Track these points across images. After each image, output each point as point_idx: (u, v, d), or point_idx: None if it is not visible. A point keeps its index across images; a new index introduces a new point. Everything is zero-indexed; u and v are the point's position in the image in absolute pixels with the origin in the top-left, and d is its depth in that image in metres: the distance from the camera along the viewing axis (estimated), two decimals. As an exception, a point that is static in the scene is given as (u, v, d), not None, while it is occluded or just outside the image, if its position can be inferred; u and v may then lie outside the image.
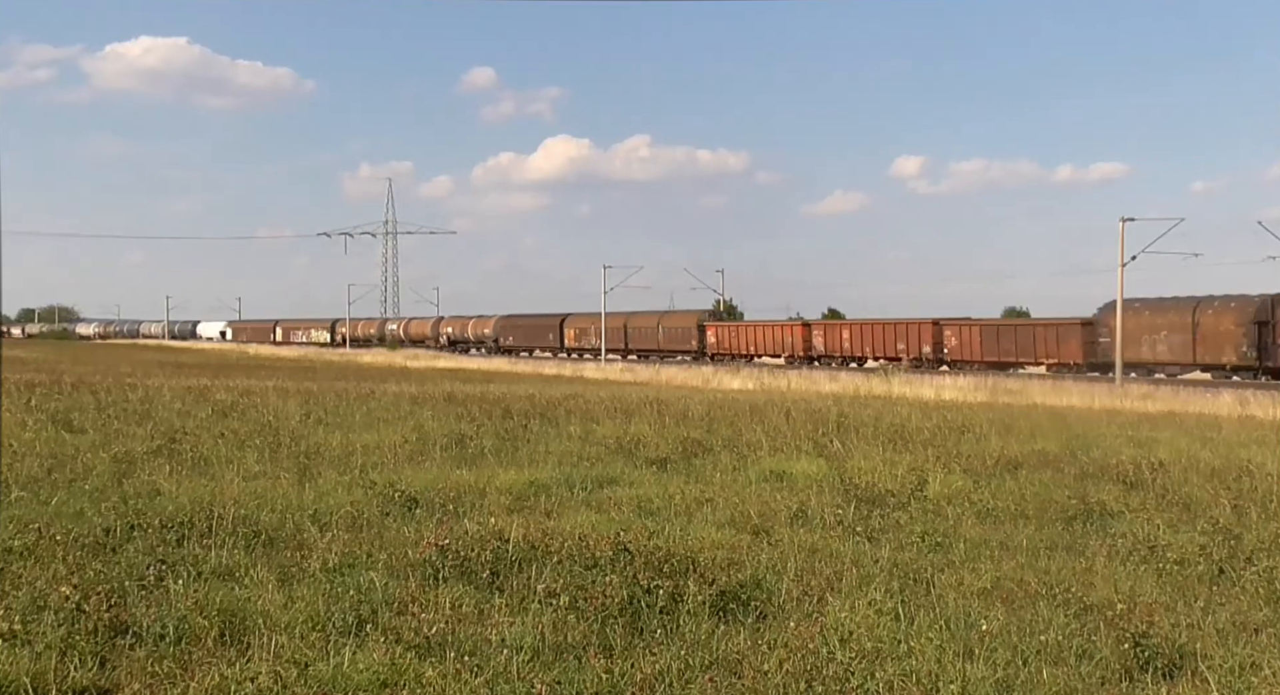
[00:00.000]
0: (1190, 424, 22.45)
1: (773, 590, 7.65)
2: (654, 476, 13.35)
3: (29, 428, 16.95)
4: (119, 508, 10.07)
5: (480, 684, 5.74)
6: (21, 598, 7.02)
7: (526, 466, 13.84)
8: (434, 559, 8.10)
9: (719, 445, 16.41)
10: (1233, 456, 15.52)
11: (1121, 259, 42.11)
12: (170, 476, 12.31)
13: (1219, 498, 11.72)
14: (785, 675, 5.84)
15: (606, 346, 71.89)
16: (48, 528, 8.76)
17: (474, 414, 21.35)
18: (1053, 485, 12.88)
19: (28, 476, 12.09)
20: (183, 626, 6.52)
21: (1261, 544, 9.40)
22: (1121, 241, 42.12)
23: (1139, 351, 43.71)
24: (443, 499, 11.05)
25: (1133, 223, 42.48)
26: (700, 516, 10.69)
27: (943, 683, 5.85)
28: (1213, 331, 41.68)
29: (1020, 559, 8.92)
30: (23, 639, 6.20)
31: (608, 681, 5.82)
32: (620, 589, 7.17)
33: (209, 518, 9.48)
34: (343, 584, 7.55)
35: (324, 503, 10.74)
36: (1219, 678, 6.02)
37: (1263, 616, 7.29)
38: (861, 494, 11.76)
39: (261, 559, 8.35)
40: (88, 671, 5.85)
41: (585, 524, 9.89)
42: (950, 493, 12.05)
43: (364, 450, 15.11)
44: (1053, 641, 6.56)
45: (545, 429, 18.69)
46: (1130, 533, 9.97)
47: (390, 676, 5.82)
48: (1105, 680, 6.10)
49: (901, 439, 17.64)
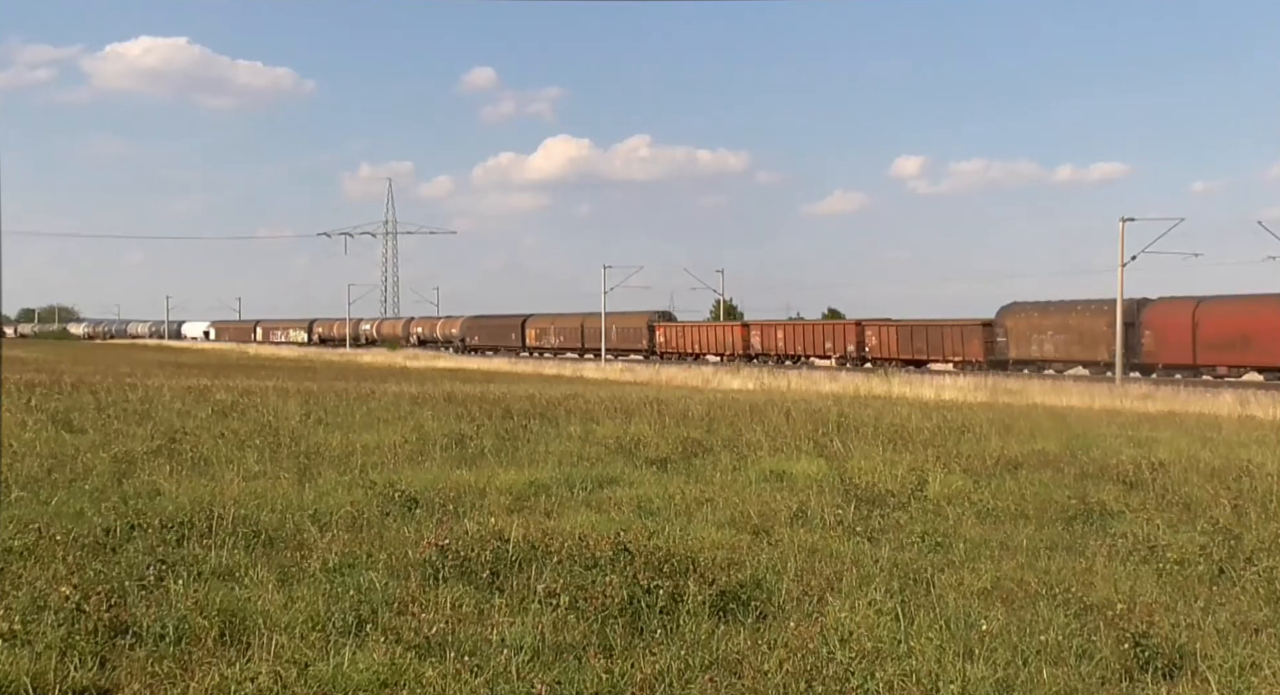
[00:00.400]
0: (1190, 424, 22.46)
1: (773, 590, 7.64)
2: (654, 476, 13.35)
3: (29, 428, 16.95)
4: (119, 508, 10.06)
5: (480, 684, 5.74)
6: (21, 598, 7.02)
7: (526, 466, 13.84)
8: (434, 559, 8.10)
9: (719, 445, 16.41)
10: (1233, 456, 15.52)
11: (1121, 259, 42.16)
12: (170, 476, 12.31)
13: (1219, 498, 11.72)
14: (785, 675, 5.84)
15: (563, 345, 78.33)
16: (48, 528, 8.76)
17: (474, 414, 21.35)
18: (1053, 485, 12.88)
19: (28, 476, 12.08)
20: (183, 626, 6.52)
21: (1261, 544, 9.40)
22: (1121, 241, 42.18)
23: (1029, 350, 48.53)
24: (443, 499, 11.05)
25: (1133, 223, 42.62)
26: (700, 516, 10.69)
27: (943, 683, 5.85)
28: (1089, 332, 45.85)
29: (1020, 559, 8.92)
30: (23, 639, 6.19)
31: (608, 681, 5.82)
32: (620, 589, 7.17)
33: (209, 518, 9.48)
34: (343, 584, 7.55)
35: (324, 503, 10.74)
36: (1219, 678, 6.02)
37: (1263, 616, 7.29)
38: (861, 494, 11.76)
39: (261, 559, 8.35)
40: (88, 671, 5.85)
41: (585, 524, 9.89)
42: (950, 493, 12.05)
43: (364, 450, 15.11)
44: (1053, 641, 6.55)
45: (545, 429, 18.69)
46: (1130, 533, 9.97)
47: (390, 676, 5.81)
48: (1105, 680, 6.10)
49: (901, 439, 17.64)
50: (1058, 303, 49.19)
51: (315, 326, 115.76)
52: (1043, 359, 48.00)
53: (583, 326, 76.96)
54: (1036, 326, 48.81)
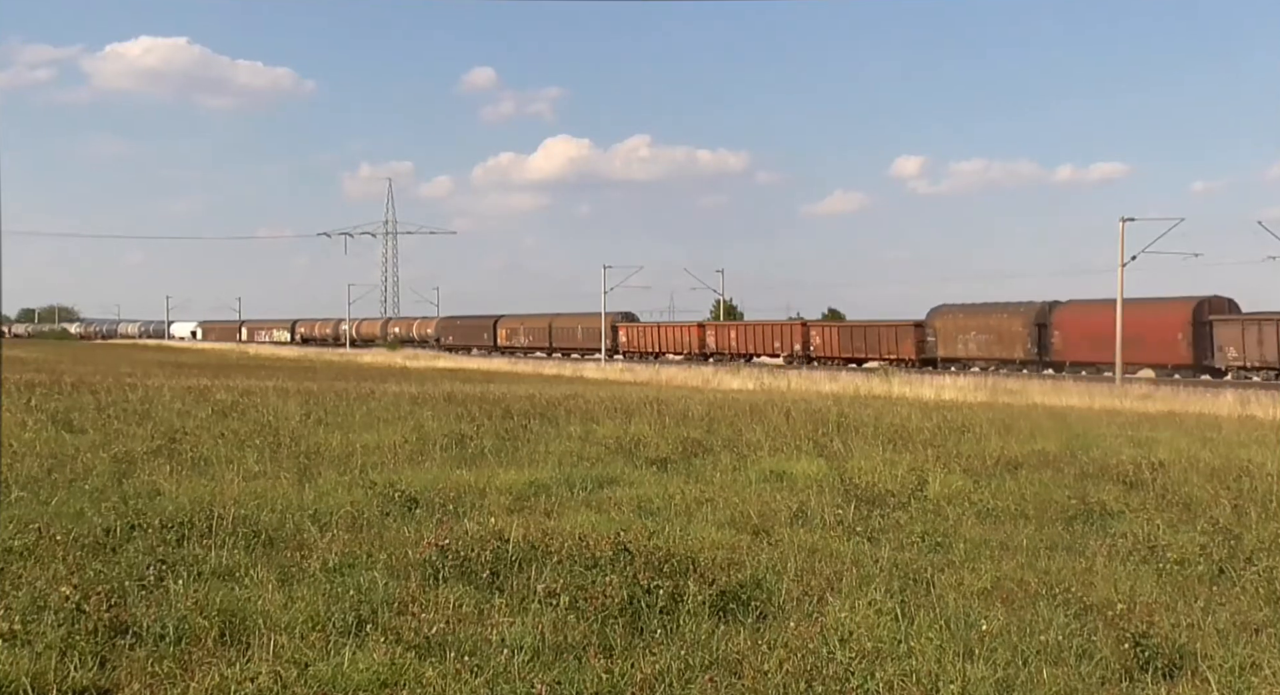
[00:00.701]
0: (1190, 424, 22.46)
1: (773, 590, 7.64)
2: (654, 476, 13.34)
3: (29, 428, 16.94)
4: (119, 508, 10.06)
5: (480, 684, 5.74)
6: (21, 598, 7.02)
7: (526, 466, 13.84)
8: (434, 559, 8.10)
9: (719, 445, 16.41)
10: (1233, 456, 15.52)
11: (1121, 259, 42.16)
12: (170, 476, 12.30)
13: (1219, 498, 11.72)
14: (785, 675, 5.84)
15: (532, 344, 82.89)
16: (48, 528, 8.75)
17: (474, 414, 21.35)
18: (1053, 485, 12.88)
19: (28, 476, 12.08)
20: (183, 626, 6.52)
21: (1261, 544, 9.40)
22: (1121, 241, 42.18)
23: (955, 349, 52.88)
24: (443, 499, 11.04)
25: (1133, 223, 42.64)
26: (700, 516, 10.69)
27: (943, 683, 5.85)
28: (1007, 332, 50.60)
29: (1020, 559, 8.92)
30: (23, 639, 6.19)
31: (608, 681, 5.81)
32: (620, 589, 7.17)
33: (209, 518, 9.47)
34: (343, 584, 7.55)
35: (324, 503, 10.74)
36: (1219, 678, 6.02)
37: (1263, 616, 7.29)
38: (861, 494, 11.76)
39: (261, 559, 8.35)
40: (88, 671, 5.85)
41: (585, 524, 9.88)
42: (950, 493, 12.05)
43: (364, 450, 15.11)
44: (1053, 641, 6.56)
45: (545, 429, 18.68)
46: (1130, 533, 9.97)
47: (390, 676, 5.81)
48: (1105, 680, 6.10)
49: (901, 439, 17.64)
50: (981, 305, 53.57)
51: (298, 327, 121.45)
52: (967, 357, 51.93)
53: (550, 327, 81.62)
54: (962, 327, 52.94)
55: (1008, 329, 50.50)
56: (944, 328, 53.69)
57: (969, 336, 52.35)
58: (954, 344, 52.88)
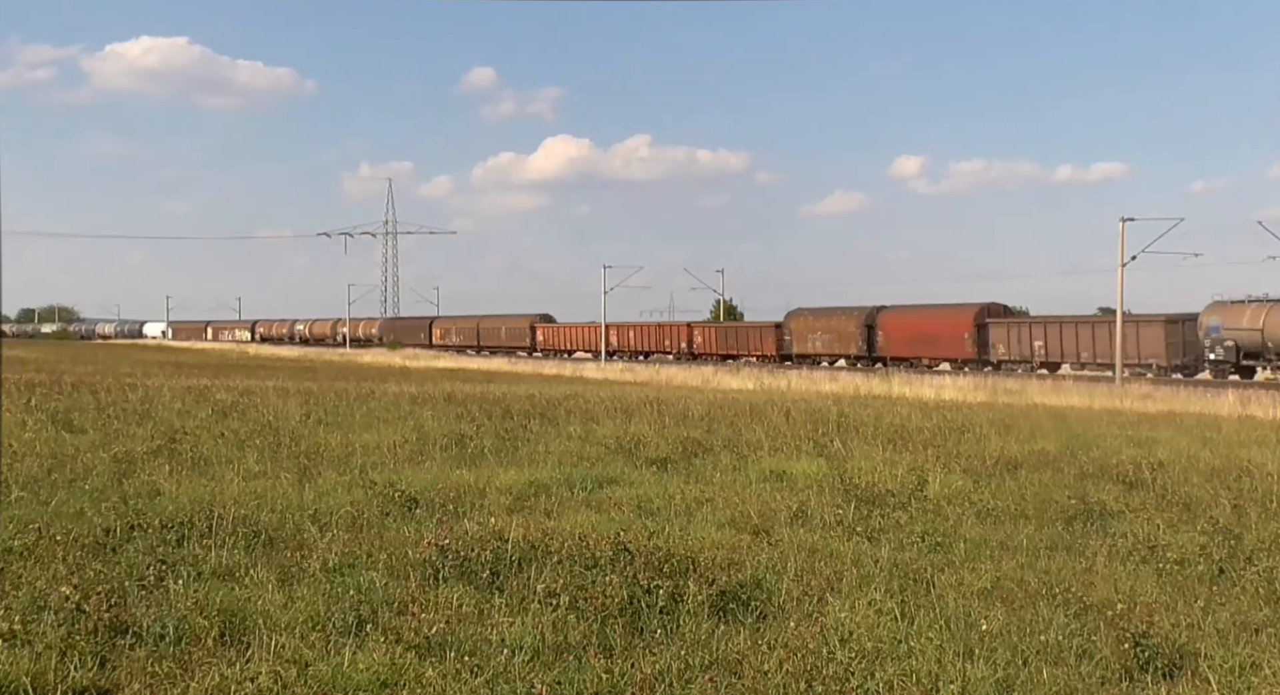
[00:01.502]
0: (1190, 424, 22.44)
1: (773, 590, 7.64)
2: (654, 476, 13.34)
3: (29, 428, 16.95)
4: (119, 508, 10.06)
5: (480, 684, 5.74)
6: (21, 598, 7.02)
7: (526, 466, 13.84)
8: (434, 559, 8.10)
9: (719, 445, 16.41)
10: (1233, 456, 15.52)
11: (1121, 259, 42.14)
12: (170, 476, 12.30)
13: (1219, 498, 11.72)
14: (785, 675, 5.84)
15: (462, 343, 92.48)
16: (48, 528, 8.76)
17: (474, 414, 21.35)
18: (1053, 485, 12.88)
19: (28, 476, 12.08)
20: (183, 626, 6.52)
21: (1261, 544, 9.40)
22: (1121, 241, 42.17)
23: (806, 346, 61.39)
24: (443, 499, 11.05)
25: (1133, 223, 42.58)
26: (700, 516, 10.69)
27: (943, 683, 5.85)
28: (844, 332, 59.18)
29: (1020, 559, 8.91)
30: (23, 639, 6.19)
31: (608, 681, 5.81)
32: (620, 589, 7.17)
33: (209, 518, 9.47)
34: (343, 584, 7.55)
35: (324, 503, 10.74)
36: (1219, 678, 6.02)
37: (1263, 616, 7.29)
38: (861, 494, 11.75)
39: (261, 559, 8.35)
40: (88, 671, 5.85)
41: (585, 524, 9.88)
42: (950, 493, 12.05)
43: (364, 450, 15.11)
44: (1053, 641, 6.56)
45: (545, 429, 18.68)
46: (1130, 533, 9.96)
47: (390, 676, 5.81)
48: (1105, 680, 6.10)
49: (901, 439, 17.64)
50: (824, 309, 62.55)
51: (257, 327, 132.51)
52: (815, 354, 60.50)
53: (478, 327, 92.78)
54: (811, 328, 61.58)
55: (844, 329, 59.06)
56: (797, 328, 62.39)
57: (816, 336, 60.98)
58: (805, 342, 61.56)
